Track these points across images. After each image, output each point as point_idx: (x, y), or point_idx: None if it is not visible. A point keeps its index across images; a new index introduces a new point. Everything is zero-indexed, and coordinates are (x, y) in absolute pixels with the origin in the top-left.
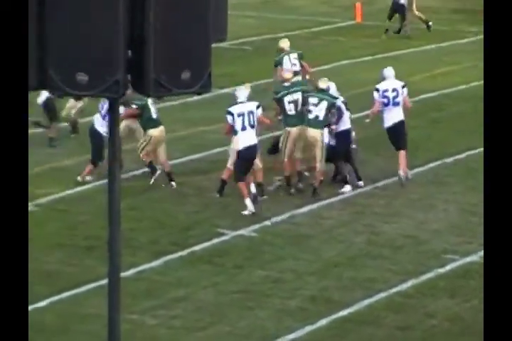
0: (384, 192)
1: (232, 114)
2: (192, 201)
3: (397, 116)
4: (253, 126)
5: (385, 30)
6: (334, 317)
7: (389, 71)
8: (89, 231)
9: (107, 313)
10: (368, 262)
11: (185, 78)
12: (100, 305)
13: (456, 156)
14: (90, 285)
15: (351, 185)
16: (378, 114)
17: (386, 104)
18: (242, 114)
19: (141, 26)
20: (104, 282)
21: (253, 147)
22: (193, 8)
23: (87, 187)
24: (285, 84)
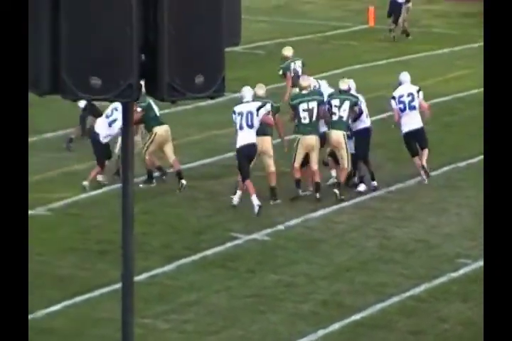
0: (396, 196)
1: (234, 112)
2: (204, 205)
3: (416, 121)
4: (251, 126)
5: (389, 30)
6: (347, 321)
7: (404, 76)
8: (101, 235)
9: (120, 317)
10: (380, 266)
11: (199, 82)
12: (113, 309)
13: (469, 160)
14: (103, 289)
15: (366, 185)
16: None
17: (403, 109)
18: (241, 114)
19: (154, 30)
20: (117, 286)
21: (251, 145)
22: (206, 12)
23: (100, 192)
24: (303, 92)
